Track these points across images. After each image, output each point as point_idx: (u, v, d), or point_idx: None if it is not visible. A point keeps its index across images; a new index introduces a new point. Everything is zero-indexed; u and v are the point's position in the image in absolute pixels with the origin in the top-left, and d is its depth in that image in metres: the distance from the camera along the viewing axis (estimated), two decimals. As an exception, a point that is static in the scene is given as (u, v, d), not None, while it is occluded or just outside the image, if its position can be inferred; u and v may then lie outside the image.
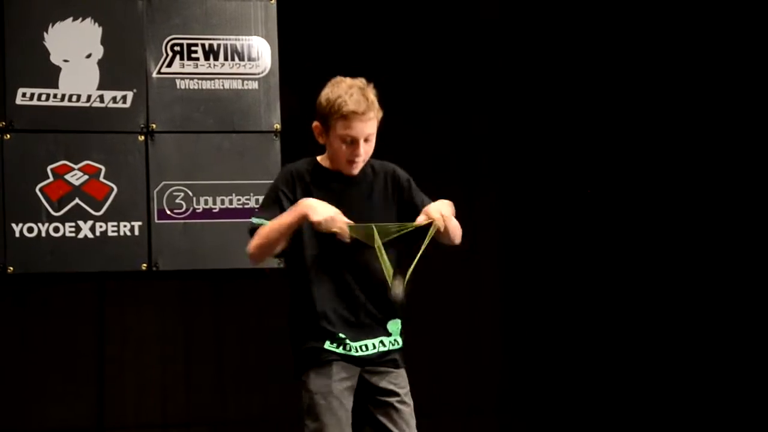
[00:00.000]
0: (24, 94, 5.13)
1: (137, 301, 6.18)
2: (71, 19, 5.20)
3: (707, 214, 6.61)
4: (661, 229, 6.72)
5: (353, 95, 3.58)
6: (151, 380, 6.25)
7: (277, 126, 5.34)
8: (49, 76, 5.15)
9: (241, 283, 6.15)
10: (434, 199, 3.77)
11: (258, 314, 6.35)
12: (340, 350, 3.62)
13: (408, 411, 3.70)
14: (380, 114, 3.66)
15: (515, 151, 6.77)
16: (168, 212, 5.24)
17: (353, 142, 3.59)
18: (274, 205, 3.66)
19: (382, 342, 3.68)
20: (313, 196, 3.60)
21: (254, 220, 3.68)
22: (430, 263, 6.24)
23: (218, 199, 5.29)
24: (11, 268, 5.09)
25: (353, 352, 3.62)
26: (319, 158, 3.75)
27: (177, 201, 5.25)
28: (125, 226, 5.20)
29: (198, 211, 5.27)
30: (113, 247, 5.18)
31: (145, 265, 5.20)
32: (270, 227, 3.59)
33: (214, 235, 5.28)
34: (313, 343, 3.61)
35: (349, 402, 3.63)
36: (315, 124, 3.68)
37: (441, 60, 6.61)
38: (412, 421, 3.70)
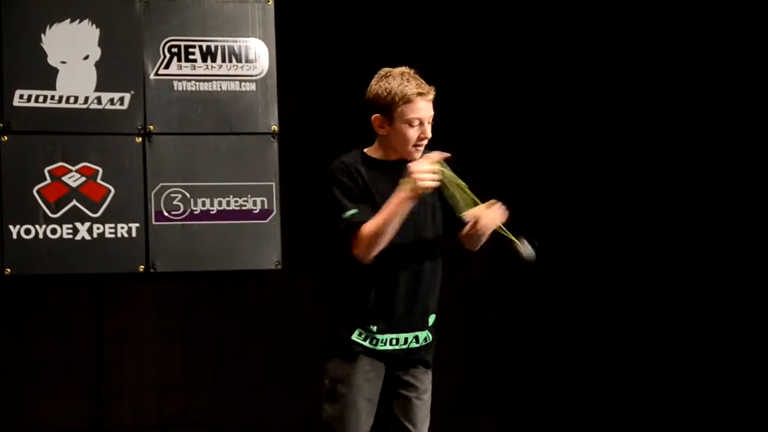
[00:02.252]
0: (21, 96, 5.13)
1: (135, 303, 6.18)
2: (69, 20, 5.20)
3: (706, 214, 6.61)
4: (658, 228, 6.72)
5: (411, 80, 3.73)
6: (148, 381, 6.25)
7: (275, 128, 5.34)
8: (47, 77, 5.15)
9: (239, 284, 6.15)
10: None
11: (256, 316, 6.35)
12: (367, 343, 3.69)
13: (424, 408, 3.78)
14: (434, 94, 3.78)
15: (511, 151, 6.76)
16: (166, 214, 5.24)
17: (421, 124, 3.72)
18: (352, 195, 3.69)
19: (416, 337, 3.76)
20: (368, 185, 3.69)
21: (346, 215, 3.66)
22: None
23: (216, 201, 5.29)
24: (8, 270, 5.08)
25: (380, 346, 3.69)
26: (366, 150, 3.82)
27: (175, 203, 5.25)
28: (123, 227, 5.19)
29: (196, 212, 5.27)
30: (111, 249, 5.17)
31: (142, 266, 5.19)
32: (384, 219, 3.59)
33: (211, 237, 5.28)
34: (343, 332, 3.70)
35: (370, 394, 3.69)
36: (375, 116, 3.75)
37: (440, 60, 6.61)
38: (426, 420, 3.78)
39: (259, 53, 5.36)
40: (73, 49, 5.19)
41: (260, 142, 5.33)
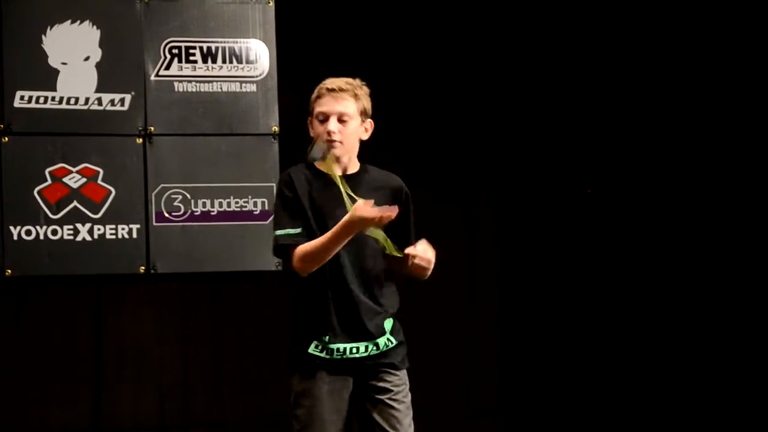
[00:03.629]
0: (22, 97, 5.13)
1: (135, 304, 6.17)
2: (69, 21, 5.20)
3: (706, 214, 6.61)
4: (660, 229, 6.72)
5: (328, 80, 3.79)
6: (148, 382, 6.25)
7: (275, 128, 5.34)
8: (48, 78, 5.15)
9: (239, 285, 6.16)
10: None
11: (256, 317, 6.35)
12: (324, 354, 3.71)
13: (402, 409, 3.77)
14: (362, 102, 3.78)
15: (514, 151, 6.76)
16: (166, 215, 5.25)
17: (325, 119, 3.72)
18: (292, 210, 3.71)
19: (376, 344, 3.75)
20: (311, 192, 3.70)
21: (279, 232, 3.71)
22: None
23: (216, 202, 5.29)
24: (9, 271, 5.09)
25: (336, 356, 3.70)
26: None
27: (175, 204, 5.25)
28: (123, 228, 5.20)
29: (196, 213, 5.27)
30: (111, 250, 5.18)
31: (143, 267, 5.20)
32: (321, 246, 3.63)
33: (212, 238, 5.29)
34: (299, 347, 3.72)
35: (335, 405, 3.70)
36: (309, 119, 3.82)
37: (440, 62, 6.61)
38: (406, 420, 3.77)
39: (259, 54, 5.36)
40: (73, 50, 5.19)
41: (261, 143, 5.34)
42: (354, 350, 3.73)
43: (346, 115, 3.74)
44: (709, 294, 6.57)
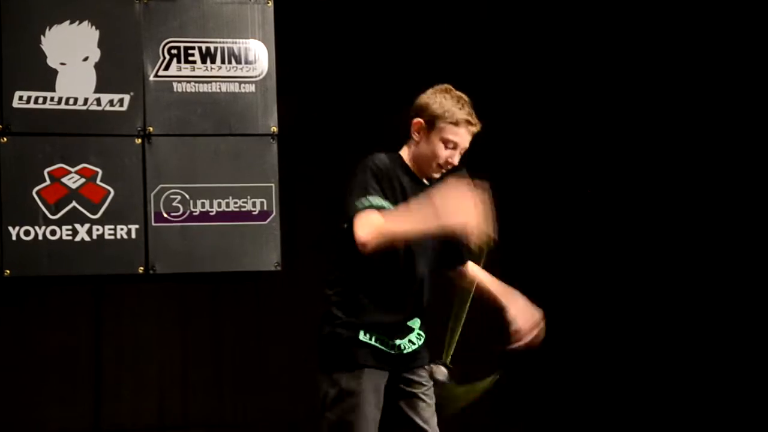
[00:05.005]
0: (21, 97, 5.12)
1: (134, 304, 6.18)
2: (68, 22, 5.20)
3: (706, 214, 6.61)
4: (659, 230, 6.72)
5: (465, 107, 3.82)
6: (148, 383, 6.25)
7: (275, 129, 5.34)
8: (46, 79, 5.15)
9: (239, 286, 6.15)
10: None
11: (255, 317, 6.35)
12: (374, 342, 3.69)
13: (432, 404, 3.83)
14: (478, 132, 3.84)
15: (512, 151, 6.76)
16: (165, 215, 5.24)
17: (454, 149, 3.78)
18: (379, 187, 3.66)
19: (410, 340, 3.79)
20: (390, 189, 3.67)
21: (366, 200, 3.61)
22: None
23: (215, 202, 5.29)
24: (8, 272, 5.09)
25: (386, 348, 3.71)
26: (402, 154, 3.83)
27: (174, 204, 5.25)
28: (122, 229, 5.19)
29: (195, 214, 5.27)
30: (110, 251, 5.17)
31: (142, 268, 5.19)
32: (406, 231, 3.55)
33: (211, 238, 5.28)
34: (349, 333, 3.67)
35: (377, 403, 3.70)
36: (418, 120, 3.80)
37: (439, 62, 6.61)
38: (431, 414, 3.82)
39: (258, 55, 5.36)
40: (72, 51, 5.19)
41: (260, 144, 5.33)
42: (401, 347, 3.75)
43: (466, 149, 3.83)
44: (709, 294, 6.57)
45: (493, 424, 6.67)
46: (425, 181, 3.82)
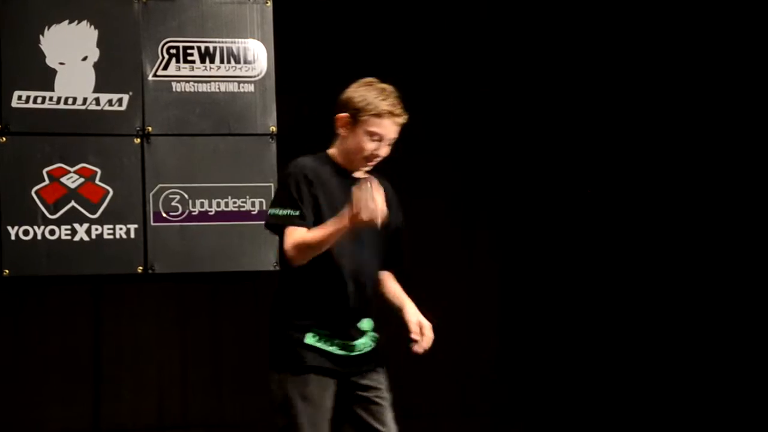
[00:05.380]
0: (20, 97, 5.13)
1: (133, 304, 6.18)
2: (67, 21, 5.20)
3: (706, 215, 6.61)
4: (658, 230, 6.72)
5: (388, 97, 3.76)
6: (147, 382, 6.25)
7: (273, 129, 5.35)
8: (45, 78, 5.15)
9: (238, 285, 6.15)
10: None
11: (254, 316, 6.34)
12: (321, 344, 3.70)
13: (387, 406, 3.80)
14: (405, 123, 3.81)
15: (512, 152, 6.76)
16: (164, 215, 5.25)
17: (379, 140, 3.74)
18: (299, 197, 3.70)
19: (362, 342, 3.78)
20: (326, 190, 3.71)
21: (285, 212, 3.70)
22: (429, 262, 6.27)
23: (214, 202, 5.29)
24: (7, 271, 5.09)
25: (334, 350, 3.71)
26: (330, 152, 3.84)
27: (173, 204, 5.25)
28: (121, 228, 5.20)
29: (194, 213, 5.27)
30: (109, 250, 5.18)
31: (141, 268, 5.20)
32: (318, 236, 3.62)
33: (210, 238, 5.28)
34: (296, 336, 3.69)
35: (325, 404, 3.70)
36: (342, 115, 3.78)
37: (438, 62, 6.61)
38: (390, 416, 3.80)
39: (257, 54, 5.36)
40: (71, 50, 5.19)
41: (259, 144, 5.34)
42: (349, 347, 3.74)
43: (394, 140, 3.79)
44: (708, 294, 6.57)
45: (492, 424, 6.67)
46: (355, 175, 3.79)
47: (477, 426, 6.62)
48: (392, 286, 3.91)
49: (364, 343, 3.78)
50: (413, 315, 3.79)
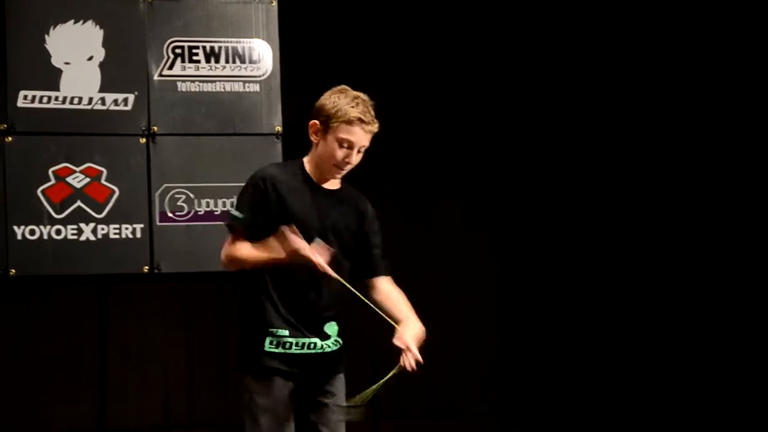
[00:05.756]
0: (25, 97, 5.13)
1: (139, 304, 6.18)
2: (72, 21, 5.20)
3: (705, 214, 6.60)
4: (661, 230, 6.71)
5: (359, 105, 3.80)
6: (153, 382, 6.26)
7: (279, 128, 5.34)
8: (51, 78, 5.15)
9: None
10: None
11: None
12: (279, 349, 3.76)
13: (338, 412, 3.84)
14: (377, 130, 3.84)
15: (512, 152, 6.76)
16: (170, 215, 5.25)
17: (350, 148, 3.77)
18: (254, 205, 3.81)
19: (327, 343, 3.83)
20: (289, 199, 3.78)
21: (237, 214, 3.84)
22: (428, 263, 6.27)
23: (220, 202, 5.29)
24: (13, 271, 5.09)
25: (293, 350, 3.77)
26: (304, 160, 3.90)
27: (179, 203, 5.25)
28: (127, 228, 5.20)
29: (200, 213, 5.27)
30: (115, 250, 5.18)
31: (147, 267, 5.20)
32: (250, 257, 3.76)
33: (215, 238, 5.25)
34: (255, 343, 3.77)
35: (286, 406, 3.78)
36: (313, 122, 3.84)
37: (442, 62, 6.61)
38: (342, 425, 3.86)
39: (262, 54, 5.36)
40: (77, 50, 5.19)
41: (264, 143, 5.33)
42: (308, 345, 3.78)
43: (365, 147, 3.82)
44: (709, 293, 6.57)
45: (492, 424, 6.67)
46: (327, 186, 3.86)
47: (477, 426, 6.62)
48: (390, 296, 3.90)
49: (325, 345, 3.82)
50: (399, 338, 3.77)
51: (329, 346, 3.83)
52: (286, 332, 3.77)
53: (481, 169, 6.72)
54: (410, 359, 3.72)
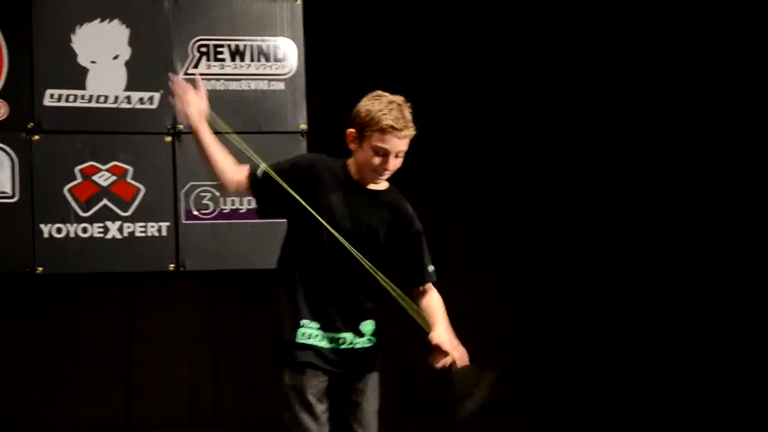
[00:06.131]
0: (52, 96, 5.16)
1: (165, 301, 6.19)
2: (98, 20, 5.23)
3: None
4: (692, 227, 6.68)
5: (393, 111, 3.74)
6: (179, 380, 6.27)
7: (303, 126, 5.36)
8: (77, 77, 5.19)
9: (269, 283, 6.15)
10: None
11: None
12: (310, 342, 3.77)
13: (372, 412, 3.86)
14: (414, 133, 3.81)
15: (545, 151, 6.74)
16: (195, 213, 5.27)
17: (385, 155, 3.74)
18: (280, 166, 3.85)
19: (358, 341, 3.82)
20: (322, 191, 3.77)
21: (260, 166, 3.89)
22: (459, 261, 6.25)
23: (245, 200, 5.31)
24: (40, 269, 5.13)
25: (322, 344, 3.77)
26: (349, 163, 3.88)
27: (204, 201, 5.27)
28: (153, 226, 5.22)
29: (225, 211, 5.29)
30: (141, 248, 5.21)
31: (172, 265, 5.22)
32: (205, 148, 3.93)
33: (241, 236, 5.30)
34: (288, 336, 3.79)
35: (321, 399, 3.78)
36: (350, 130, 3.82)
37: (471, 57, 6.59)
38: (375, 423, 3.86)
39: (287, 52, 5.37)
40: (103, 49, 5.22)
41: (289, 141, 5.35)
42: (340, 341, 3.79)
43: (402, 151, 3.79)
44: (741, 291, 6.53)
45: (522, 424, 6.66)
46: (371, 186, 3.84)
47: (510, 425, 6.60)
48: (430, 304, 3.88)
49: (357, 342, 3.82)
50: (435, 337, 3.76)
51: (361, 344, 3.83)
52: (317, 325, 3.78)
53: (512, 170, 6.69)
54: (456, 357, 3.72)
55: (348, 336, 3.81)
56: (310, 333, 3.78)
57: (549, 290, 6.74)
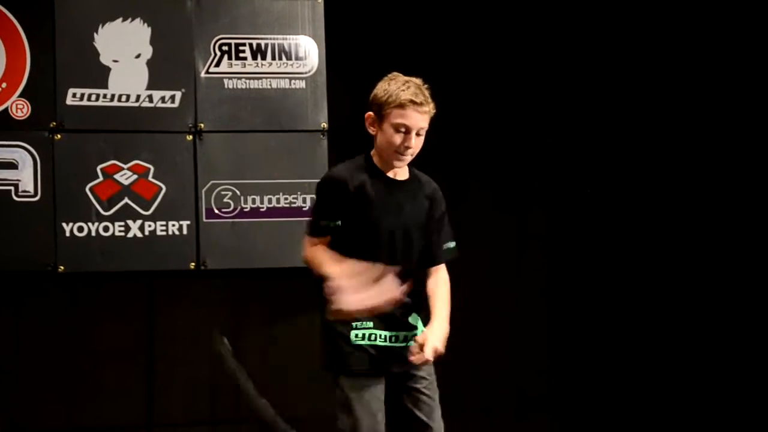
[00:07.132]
0: (74, 95, 5.18)
1: (186, 300, 6.20)
2: (121, 19, 5.25)
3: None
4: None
5: (410, 88, 3.74)
6: (200, 378, 6.28)
7: (325, 125, 5.36)
8: (99, 76, 5.20)
9: (290, 281, 6.16)
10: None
11: (307, 313, 6.35)
12: (366, 342, 3.73)
13: (436, 398, 3.84)
14: (433, 111, 3.79)
15: (567, 150, 6.72)
16: (216, 211, 5.27)
17: (407, 132, 3.71)
18: (329, 209, 3.75)
19: (412, 335, 3.79)
20: (366, 197, 3.72)
21: (316, 225, 3.77)
22: (478, 260, 6.24)
23: (266, 198, 5.31)
24: (62, 267, 5.15)
25: (379, 342, 3.74)
26: (371, 154, 3.85)
27: (225, 200, 5.28)
28: (174, 225, 5.23)
29: (246, 210, 5.30)
30: (162, 247, 5.22)
31: (193, 264, 5.23)
32: (319, 262, 3.68)
33: (261, 234, 5.31)
34: (342, 339, 3.73)
35: (380, 400, 3.74)
36: (368, 114, 3.80)
37: (493, 56, 6.58)
38: (438, 411, 3.83)
39: (308, 51, 5.37)
40: (125, 48, 5.24)
41: (310, 140, 5.35)
42: (393, 338, 3.77)
43: (423, 129, 3.76)
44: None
45: (544, 424, 6.65)
46: (398, 177, 3.81)
47: (532, 425, 6.59)
48: (435, 290, 3.87)
49: (410, 336, 3.79)
50: (422, 336, 3.74)
51: (414, 339, 3.79)
52: (371, 324, 3.75)
53: (533, 170, 6.68)
54: (421, 355, 3.70)
55: (401, 333, 3.79)
56: (364, 333, 3.75)
57: (569, 288, 6.73)
